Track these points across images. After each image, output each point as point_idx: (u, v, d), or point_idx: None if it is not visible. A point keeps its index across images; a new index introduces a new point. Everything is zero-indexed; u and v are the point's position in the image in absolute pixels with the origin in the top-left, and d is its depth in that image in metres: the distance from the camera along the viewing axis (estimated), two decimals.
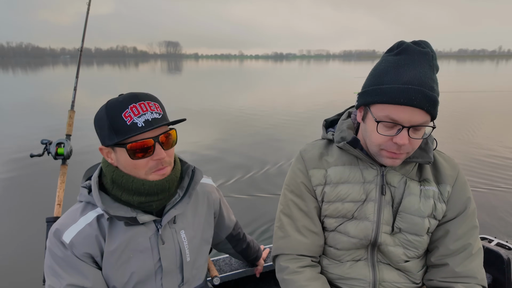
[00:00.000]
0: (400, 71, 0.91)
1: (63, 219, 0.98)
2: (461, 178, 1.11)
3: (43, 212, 1.70)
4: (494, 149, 6.15)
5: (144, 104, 0.91)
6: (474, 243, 1.08)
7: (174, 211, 1.04)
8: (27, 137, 7.23)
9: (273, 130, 7.93)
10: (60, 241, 0.94)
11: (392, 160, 1.00)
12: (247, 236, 1.48)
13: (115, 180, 0.96)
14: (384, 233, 1.09)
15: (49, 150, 1.59)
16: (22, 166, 5.44)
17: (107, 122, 0.90)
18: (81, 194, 1.02)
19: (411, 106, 0.89)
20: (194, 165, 1.11)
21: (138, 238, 1.00)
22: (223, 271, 1.63)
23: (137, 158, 0.92)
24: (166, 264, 1.04)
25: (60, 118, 9.13)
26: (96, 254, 0.97)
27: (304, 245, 1.15)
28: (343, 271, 1.16)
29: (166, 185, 0.98)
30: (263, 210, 3.87)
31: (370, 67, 1.05)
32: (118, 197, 0.98)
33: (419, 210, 1.06)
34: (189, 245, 1.09)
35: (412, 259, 1.12)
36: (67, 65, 78.18)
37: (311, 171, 1.14)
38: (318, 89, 18.35)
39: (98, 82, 23.21)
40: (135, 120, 0.89)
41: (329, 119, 1.25)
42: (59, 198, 1.59)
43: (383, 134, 0.95)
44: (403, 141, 0.93)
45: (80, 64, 1.83)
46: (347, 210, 1.10)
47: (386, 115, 0.93)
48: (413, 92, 0.88)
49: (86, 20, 1.82)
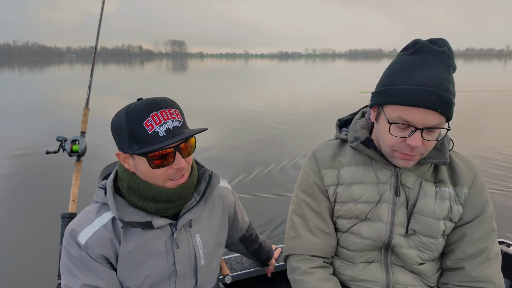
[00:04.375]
0: (414, 71, 0.89)
1: (79, 220, 0.98)
2: (479, 180, 1.08)
3: (58, 208, 1.73)
4: (502, 149, 6.09)
5: (165, 112, 0.89)
6: (492, 247, 1.05)
7: (190, 215, 1.03)
8: (41, 136, 7.31)
9: (284, 128, 7.92)
10: (76, 242, 0.94)
11: (405, 161, 0.98)
12: (260, 237, 1.48)
13: (132, 186, 0.96)
14: (398, 235, 1.07)
15: (64, 147, 1.61)
16: (36, 162, 5.52)
17: (127, 130, 0.88)
18: (97, 195, 1.01)
19: (424, 108, 0.87)
20: (211, 170, 1.11)
21: (153, 242, 1.00)
22: (235, 270, 1.64)
23: (157, 167, 0.91)
24: (180, 268, 1.04)
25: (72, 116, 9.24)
26: (111, 256, 0.98)
27: (316, 245, 1.14)
28: (355, 273, 1.14)
29: (183, 192, 0.98)
30: (267, 208, 3.89)
31: (377, 66, 1.04)
32: (135, 203, 0.97)
33: (434, 212, 1.04)
34: (203, 249, 1.09)
35: (426, 262, 1.10)
36: (73, 63, 78.70)
37: (323, 171, 1.13)
38: (328, 88, 18.22)
39: (105, 81, 23.32)
40: (157, 129, 0.87)
41: (342, 118, 1.23)
42: (74, 194, 1.61)
43: (396, 135, 0.94)
44: (415, 143, 0.91)
45: (95, 62, 1.84)
46: (360, 211, 1.09)
47: (399, 116, 0.91)
48: (426, 94, 0.86)
49: (101, 18, 1.84)
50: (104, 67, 53.41)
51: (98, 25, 1.85)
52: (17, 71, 41.78)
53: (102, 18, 1.84)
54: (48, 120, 8.98)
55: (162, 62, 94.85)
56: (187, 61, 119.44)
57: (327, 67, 51.28)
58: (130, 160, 0.95)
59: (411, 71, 0.90)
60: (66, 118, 9.09)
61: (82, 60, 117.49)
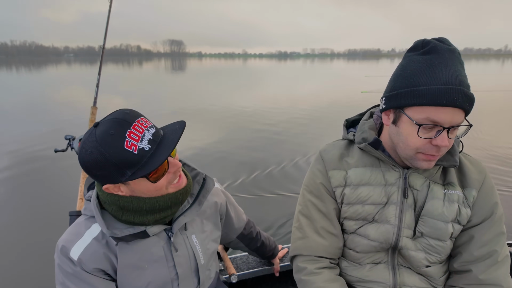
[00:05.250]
0: (436, 71, 0.88)
1: (68, 235, 0.95)
2: (488, 182, 1.07)
3: (67, 206, 1.74)
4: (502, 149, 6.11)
5: (136, 125, 0.83)
6: (501, 250, 1.04)
7: (184, 218, 1.01)
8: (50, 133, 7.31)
9: (287, 126, 7.92)
10: (68, 258, 0.91)
11: (429, 162, 0.97)
12: (262, 234, 1.47)
13: (124, 206, 0.91)
14: (405, 237, 1.07)
15: (72, 146, 1.63)
16: (44, 161, 5.54)
17: (110, 162, 0.81)
18: (85, 208, 0.98)
19: (453, 107, 0.87)
20: (205, 173, 1.09)
21: (151, 249, 0.98)
22: (240, 269, 1.64)
23: (157, 180, 0.89)
24: (181, 271, 1.04)
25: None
26: (107, 268, 0.96)
27: (323, 246, 1.14)
28: (362, 274, 1.14)
29: (179, 197, 0.96)
30: (269, 208, 3.89)
31: (376, 66, 1.04)
32: (131, 220, 0.93)
33: (442, 215, 1.03)
34: (201, 248, 1.09)
35: (434, 264, 1.10)
36: (71, 63, 78.42)
37: (330, 172, 1.12)
38: (329, 88, 18.18)
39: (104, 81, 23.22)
40: (140, 146, 0.82)
41: (350, 119, 1.22)
42: (82, 192, 1.62)
43: (423, 137, 0.92)
44: (444, 143, 0.90)
45: (102, 61, 1.85)
46: (368, 212, 1.08)
47: (426, 117, 0.89)
48: (454, 93, 0.86)
49: (108, 18, 1.85)
50: (103, 67, 53.15)
51: (105, 25, 1.86)
52: (14, 71, 41.60)
53: (109, 18, 1.85)
54: (52, 119, 8.98)
55: (160, 62, 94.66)
56: (185, 60, 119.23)
57: (327, 67, 51.20)
58: (123, 187, 0.90)
59: (433, 70, 0.88)
60: (67, 119, 9.07)
61: (80, 60, 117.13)
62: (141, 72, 40.70)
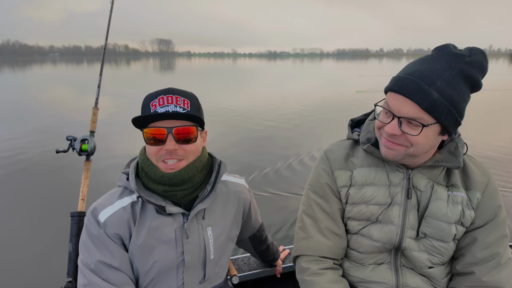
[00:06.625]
0: (415, 63, 0.92)
1: (102, 200, 1.05)
2: (492, 185, 1.08)
3: (68, 207, 1.73)
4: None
5: (171, 97, 0.97)
6: (504, 252, 1.04)
7: (202, 205, 1.05)
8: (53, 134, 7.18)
9: (287, 127, 7.97)
10: (96, 220, 1.00)
11: (387, 150, 0.98)
12: (268, 238, 1.49)
13: (143, 167, 1.02)
14: (409, 238, 1.07)
15: (73, 146, 1.61)
16: (48, 161, 5.49)
17: (141, 108, 1.00)
18: (121, 179, 1.08)
19: (401, 95, 0.89)
20: (220, 160, 1.13)
21: (164, 228, 1.03)
22: (242, 270, 1.64)
23: (150, 144, 0.98)
24: (188, 259, 1.06)
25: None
26: (125, 236, 1.02)
27: (327, 247, 1.13)
28: (365, 275, 1.14)
29: (185, 175, 1.00)
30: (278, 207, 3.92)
31: (367, 66, 1.07)
32: (146, 184, 1.03)
33: (446, 216, 1.04)
34: (214, 243, 1.10)
35: (436, 266, 1.10)
36: (56, 63, 76.82)
37: (336, 172, 1.12)
38: (323, 88, 18.18)
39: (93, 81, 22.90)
40: (157, 110, 0.96)
41: (355, 118, 1.22)
42: (83, 193, 1.62)
43: (381, 120, 0.98)
44: (390, 130, 0.93)
45: (104, 61, 1.84)
46: (372, 213, 1.09)
47: (386, 101, 0.95)
48: (407, 82, 0.88)
49: (110, 18, 1.84)
50: (89, 67, 52.36)
51: (107, 25, 1.85)
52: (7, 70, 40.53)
53: (111, 18, 1.84)
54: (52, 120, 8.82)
55: (148, 61, 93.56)
56: (174, 60, 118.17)
57: (318, 67, 51.48)
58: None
59: (414, 63, 0.93)
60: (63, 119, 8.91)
61: (66, 60, 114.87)
62: (129, 71, 40.16)
